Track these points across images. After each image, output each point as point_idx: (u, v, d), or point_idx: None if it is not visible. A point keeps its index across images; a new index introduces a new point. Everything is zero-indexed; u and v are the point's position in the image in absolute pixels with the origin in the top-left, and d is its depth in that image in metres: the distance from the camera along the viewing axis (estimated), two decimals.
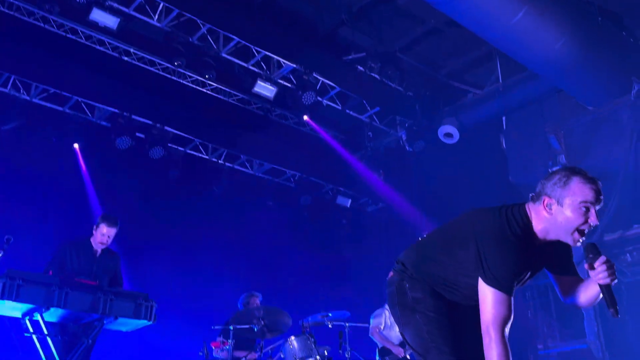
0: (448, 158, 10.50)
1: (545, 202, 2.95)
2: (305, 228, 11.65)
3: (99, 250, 5.61)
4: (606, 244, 8.86)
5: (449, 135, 9.68)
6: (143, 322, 4.95)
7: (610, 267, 2.86)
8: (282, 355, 6.45)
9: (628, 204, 8.72)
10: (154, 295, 5.03)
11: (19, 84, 8.41)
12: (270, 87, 8.86)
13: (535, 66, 8.19)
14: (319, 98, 9.49)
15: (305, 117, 10.09)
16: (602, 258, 2.87)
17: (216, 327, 6.66)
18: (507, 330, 2.82)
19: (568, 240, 2.93)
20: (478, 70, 9.79)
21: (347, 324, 6.74)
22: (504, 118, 9.93)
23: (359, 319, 8.06)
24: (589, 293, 3.09)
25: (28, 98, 8.49)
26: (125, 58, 8.38)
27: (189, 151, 10.27)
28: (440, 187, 10.84)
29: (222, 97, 9.45)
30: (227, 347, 6.08)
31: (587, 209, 2.84)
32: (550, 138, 9.11)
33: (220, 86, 9.23)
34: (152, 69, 8.62)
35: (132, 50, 8.34)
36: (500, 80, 9.34)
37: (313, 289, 10.70)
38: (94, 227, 5.61)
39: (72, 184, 8.81)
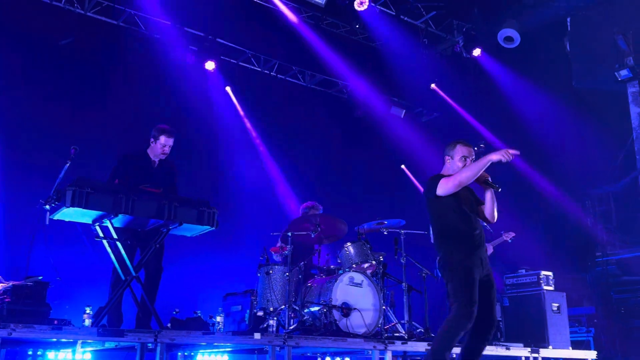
0: (508, 64, 10.11)
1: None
2: (359, 139, 11.61)
3: (157, 161, 5.75)
4: None
5: (509, 39, 9.24)
6: (206, 228, 5.10)
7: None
8: (339, 260, 6.62)
9: None
10: (215, 203, 5.17)
11: None
12: None
13: None
14: (372, 4, 9.15)
15: (357, 26, 9.79)
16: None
17: (275, 234, 6.86)
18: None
19: None
20: None
21: (402, 231, 6.79)
22: (568, 19, 9.38)
23: (414, 227, 8.13)
24: (487, 200, 4.64)
25: (82, 12, 8.54)
26: None
27: (241, 63, 10.22)
28: (498, 96, 10.52)
29: (272, 6, 9.25)
30: (286, 252, 6.27)
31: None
32: (619, 39, 8.59)
33: None
34: None
35: None
36: None
37: (368, 198, 10.80)
38: (151, 139, 5.71)
39: (130, 95, 8.96)
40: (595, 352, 7.10)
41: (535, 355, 6.57)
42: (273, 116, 10.29)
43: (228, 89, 10.03)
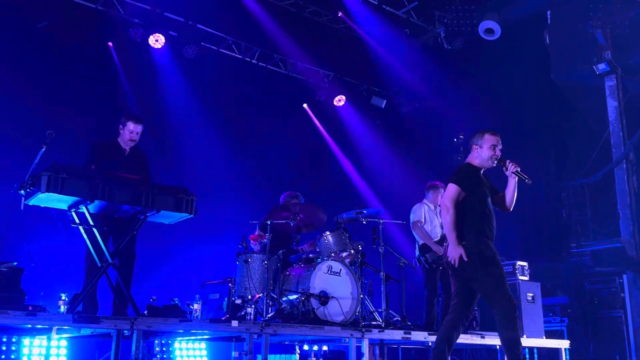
0: (488, 56, 10.16)
1: None
2: (340, 128, 11.62)
3: (128, 149, 5.69)
4: None
5: (490, 31, 9.29)
6: (184, 215, 5.06)
7: (512, 161, 4.71)
8: (317, 249, 6.64)
9: None
10: (194, 189, 5.14)
11: None
12: None
13: None
14: None
15: (340, 14, 9.77)
16: (507, 160, 4.72)
17: (254, 222, 6.85)
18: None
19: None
20: None
21: (380, 221, 6.83)
22: (548, 12, 9.45)
23: (392, 216, 8.19)
24: (510, 187, 4.78)
25: None
26: None
27: (222, 50, 10.14)
28: (479, 87, 10.59)
29: None
30: (265, 241, 6.27)
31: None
32: (597, 33, 8.68)
33: None
34: None
35: None
36: None
37: (347, 187, 10.83)
38: (120, 126, 5.65)
39: (108, 80, 8.85)
40: (568, 342, 7.22)
41: None
42: (255, 105, 10.24)
43: (208, 75, 9.94)
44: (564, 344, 7.14)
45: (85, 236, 4.91)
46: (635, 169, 8.61)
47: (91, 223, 4.83)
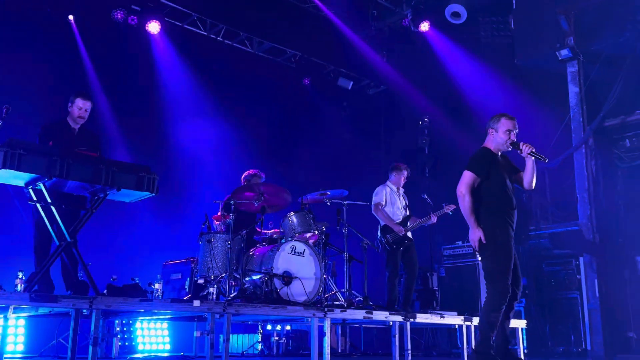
0: (454, 39, 10.22)
1: None
2: (306, 109, 11.58)
3: (77, 128, 5.59)
4: (607, 129, 8.86)
5: (456, 14, 9.34)
6: (146, 194, 4.98)
7: (525, 142, 4.84)
8: (281, 230, 6.64)
9: (633, 89, 8.61)
10: (156, 169, 5.06)
11: None
12: None
13: None
14: None
15: None
16: (520, 142, 4.85)
17: (217, 201, 6.79)
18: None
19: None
20: None
21: (344, 202, 6.85)
22: None
23: (357, 198, 8.22)
24: (527, 168, 4.87)
25: None
26: None
27: (186, 26, 9.95)
28: (444, 70, 10.66)
29: None
30: (228, 221, 6.22)
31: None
32: (561, 19, 8.79)
33: None
34: None
35: None
36: None
37: (312, 169, 10.82)
38: (69, 104, 5.55)
39: (68, 55, 8.61)
40: (525, 322, 7.41)
41: (468, 323, 6.81)
42: (218, 83, 10.08)
43: (172, 52, 9.76)
44: (521, 323, 7.32)
45: (42, 214, 4.80)
46: (594, 154, 8.81)
47: (49, 200, 4.73)
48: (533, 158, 4.84)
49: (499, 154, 4.98)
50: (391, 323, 6.32)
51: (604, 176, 8.84)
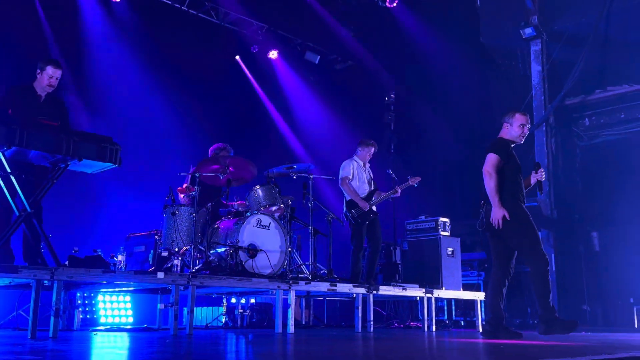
0: (421, 17, 10.25)
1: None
2: (273, 83, 11.50)
3: (43, 96, 5.45)
4: (567, 108, 9.06)
5: None
6: (108, 165, 4.90)
7: (543, 170, 5.50)
8: (247, 203, 6.63)
9: (593, 69, 8.80)
10: (120, 141, 4.98)
11: None
12: None
13: None
14: None
15: None
16: (542, 169, 5.49)
17: (182, 174, 6.74)
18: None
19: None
20: None
21: (310, 176, 6.87)
22: None
23: (323, 172, 8.26)
24: (527, 183, 5.44)
25: None
26: None
27: None
28: (411, 46, 10.69)
29: None
30: (193, 193, 6.18)
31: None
32: None
33: None
34: None
35: None
36: None
37: (278, 142, 10.80)
38: (38, 71, 5.39)
39: (28, 24, 8.34)
40: (484, 294, 7.60)
41: (429, 295, 6.97)
42: (186, 54, 9.90)
43: (136, 22, 9.52)
44: (479, 296, 7.52)
45: (2, 183, 4.69)
46: (554, 132, 9.01)
47: (8, 170, 4.62)
48: (536, 181, 5.43)
49: (512, 146, 5.40)
50: (355, 295, 6.42)
51: (564, 154, 9.07)
